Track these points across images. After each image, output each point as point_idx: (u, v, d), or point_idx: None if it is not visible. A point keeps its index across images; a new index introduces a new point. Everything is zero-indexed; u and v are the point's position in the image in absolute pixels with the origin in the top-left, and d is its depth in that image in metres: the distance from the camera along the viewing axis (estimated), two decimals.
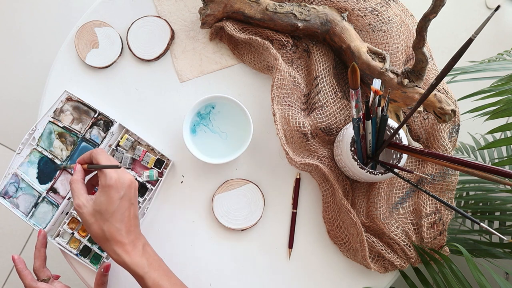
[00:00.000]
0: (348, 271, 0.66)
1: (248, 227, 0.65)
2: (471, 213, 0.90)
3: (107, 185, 0.51)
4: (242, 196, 0.65)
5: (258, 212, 0.65)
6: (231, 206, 0.65)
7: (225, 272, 0.66)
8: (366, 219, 0.64)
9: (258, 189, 0.65)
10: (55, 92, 0.68)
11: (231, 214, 0.65)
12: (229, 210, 0.65)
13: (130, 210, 0.53)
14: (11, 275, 1.29)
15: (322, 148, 0.65)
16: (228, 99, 0.63)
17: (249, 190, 0.65)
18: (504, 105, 0.61)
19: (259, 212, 0.65)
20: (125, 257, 0.52)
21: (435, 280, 0.62)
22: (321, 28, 0.63)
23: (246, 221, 0.65)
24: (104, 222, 0.51)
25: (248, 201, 0.65)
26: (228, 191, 0.65)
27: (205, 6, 0.65)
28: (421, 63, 0.58)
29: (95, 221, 0.52)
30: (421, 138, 0.66)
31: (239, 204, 0.65)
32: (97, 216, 0.51)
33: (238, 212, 0.65)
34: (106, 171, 0.52)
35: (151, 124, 0.68)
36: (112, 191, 0.51)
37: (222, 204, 0.65)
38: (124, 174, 0.53)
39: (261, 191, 0.65)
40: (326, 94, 0.64)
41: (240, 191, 0.65)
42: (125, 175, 0.53)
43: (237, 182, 0.65)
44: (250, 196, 0.65)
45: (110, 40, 0.68)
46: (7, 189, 0.66)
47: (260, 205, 0.65)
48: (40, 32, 1.41)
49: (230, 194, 0.65)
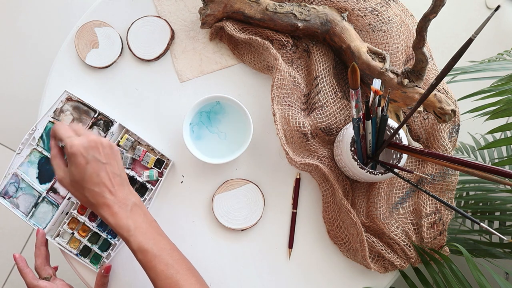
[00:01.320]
0: (348, 271, 0.66)
1: (248, 227, 0.65)
2: (471, 213, 0.90)
3: (70, 154, 0.51)
4: (242, 196, 0.65)
5: (258, 212, 0.65)
6: (231, 206, 0.65)
7: (225, 272, 0.66)
8: (366, 219, 0.64)
9: (258, 189, 0.65)
10: (55, 92, 0.68)
11: (231, 214, 0.65)
12: (229, 210, 0.65)
13: (106, 170, 0.52)
14: (11, 275, 1.29)
15: (322, 148, 0.65)
16: (228, 99, 0.63)
17: (249, 190, 0.65)
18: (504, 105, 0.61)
19: (259, 212, 0.65)
20: (111, 219, 0.51)
21: (435, 280, 0.62)
22: (321, 28, 0.63)
23: (246, 221, 0.65)
24: (83, 189, 0.51)
25: (248, 201, 0.65)
26: (228, 191, 0.65)
27: (205, 6, 0.65)
28: (421, 63, 0.58)
29: (76, 190, 0.52)
30: (421, 138, 0.66)
31: (239, 204, 0.65)
32: (75, 185, 0.52)
33: (238, 212, 0.65)
34: (66, 140, 0.51)
35: (151, 124, 0.68)
36: (77, 158, 0.50)
37: (222, 204, 0.65)
38: (87, 137, 0.52)
39: (261, 191, 0.65)
40: (326, 94, 0.64)
41: (240, 191, 0.65)
42: (88, 137, 0.52)
43: (237, 182, 0.65)
44: (250, 196, 0.65)
45: (110, 40, 0.68)
46: (7, 189, 0.66)
47: (260, 205, 0.65)
48: (40, 32, 1.41)
49: (230, 194, 0.65)
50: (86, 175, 0.51)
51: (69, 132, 0.53)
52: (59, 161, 0.54)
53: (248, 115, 0.62)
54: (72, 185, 0.52)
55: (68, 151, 0.51)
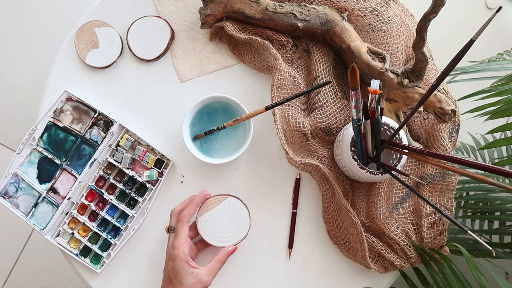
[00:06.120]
0: (348, 271, 0.66)
1: (240, 241, 0.62)
2: (471, 213, 0.90)
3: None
4: (225, 212, 0.62)
5: (245, 224, 0.62)
6: (217, 224, 0.62)
7: (225, 272, 0.66)
8: (366, 219, 0.64)
9: (238, 201, 0.63)
10: (55, 92, 0.68)
11: (219, 233, 0.62)
12: (216, 230, 0.62)
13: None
14: (11, 275, 1.29)
15: (322, 148, 0.65)
16: (228, 99, 0.63)
17: (230, 205, 0.62)
18: (504, 105, 0.61)
19: (247, 223, 0.62)
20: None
21: (435, 280, 0.62)
22: (321, 28, 0.63)
23: (236, 236, 0.62)
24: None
25: (232, 216, 0.62)
26: (209, 211, 0.62)
27: (205, 6, 0.65)
28: (421, 63, 0.58)
29: None
30: (421, 138, 0.66)
31: (224, 221, 0.62)
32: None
33: (226, 229, 0.62)
34: None
35: (151, 124, 0.68)
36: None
37: (208, 225, 0.62)
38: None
39: (242, 202, 0.63)
40: (326, 94, 0.64)
41: (222, 208, 0.62)
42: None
43: (216, 200, 0.62)
44: (233, 210, 0.62)
45: (110, 40, 0.68)
46: (7, 189, 0.66)
47: (245, 217, 0.62)
48: (40, 32, 1.41)
49: (213, 213, 0.62)
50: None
51: None
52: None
53: None
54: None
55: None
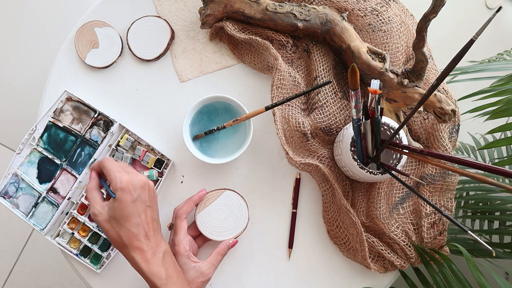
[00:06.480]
0: (348, 271, 0.66)
1: (240, 233, 0.63)
2: (471, 213, 0.90)
3: (118, 188, 0.49)
4: (223, 206, 0.63)
5: (244, 216, 0.63)
6: (216, 219, 0.63)
7: (225, 272, 0.66)
8: (366, 219, 0.64)
9: (235, 194, 0.63)
10: (55, 92, 0.68)
11: (219, 227, 0.63)
12: (215, 224, 0.63)
13: (146, 212, 0.51)
14: (11, 275, 1.29)
15: (322, 148, 0.65)
16: (228, 99, 0.63)
17: (227, 198, 0.63)
18: (504, 105, 0.61)
19: (245, 215, 0.63)
20: (143, 265, 0.49)
21: (435, 280, 0.62)
22: (321, 28, 0.63)
23: (236, 228, 0.63)
24: (120, 227, 0.49)
25: (230, 209, 0.63)
26: (207, 206, 0.63)
27: (205, 6, 0.65)
28: (421, 63, 0.58)
29: (111, 228, 0.50)
30: (421, 138, 0.66)
31: (223, 215, 0.63)
32: (112, 222, 0.50)
33: (225, 223, 0.63)
34: (116, 175, 0.50)
35: (151, 124, 0.68)
36: (124, 194, 0.49)
37: (207, 221, 0.63)
38: (136, 176, 0.51)
39: (239, 195, 0.64)
40: (326, 94, 0.64)
41: (220, 202, 0.63)
42: (137, 176, 0.52)
43: (213, 195, 0.63)
44: (230, 204, 0.63)
45: (110, 40, 0.68)
46: (7, 189, 0.66)
47: (243, 208, 0.63)
48: (40, 32, 1.41)
49: (211, 209, 0.63)
50: (128, 214, 0.49)
51: (118, 167, 0.52)
52: (97, 194, 0.53)
53: None
54: (109, 221, 0.50)
55: (116, 186, 0.49)
